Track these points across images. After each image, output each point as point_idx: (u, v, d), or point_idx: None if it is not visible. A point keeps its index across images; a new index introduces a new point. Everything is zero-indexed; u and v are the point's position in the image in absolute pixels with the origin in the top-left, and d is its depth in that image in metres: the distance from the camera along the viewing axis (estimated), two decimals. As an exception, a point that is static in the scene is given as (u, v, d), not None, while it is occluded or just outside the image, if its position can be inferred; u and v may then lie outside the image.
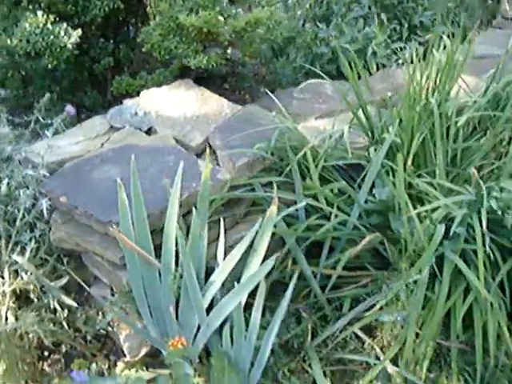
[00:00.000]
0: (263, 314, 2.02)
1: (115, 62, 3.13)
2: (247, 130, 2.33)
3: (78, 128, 2.49)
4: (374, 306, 2.13)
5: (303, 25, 3.77)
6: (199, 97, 2.61)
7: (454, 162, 2.58)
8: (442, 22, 3.75)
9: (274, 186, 1.96)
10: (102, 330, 2.15)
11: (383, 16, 3.53)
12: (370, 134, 2.48)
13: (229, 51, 4.05)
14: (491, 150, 2.57)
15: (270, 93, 2.53)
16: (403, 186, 2.16)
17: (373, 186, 2.32)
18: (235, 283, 1.80)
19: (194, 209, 1.83)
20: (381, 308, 2.02)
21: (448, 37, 3.35)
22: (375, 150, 2.31)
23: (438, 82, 2.60)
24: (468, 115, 2.49)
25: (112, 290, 2.16)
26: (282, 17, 2.82)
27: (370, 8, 3.75)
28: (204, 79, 3.76)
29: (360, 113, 2.48)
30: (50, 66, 2.63)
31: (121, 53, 3.17)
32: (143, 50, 2.76)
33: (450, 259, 2.01)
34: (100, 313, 2.15)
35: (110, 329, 2.15)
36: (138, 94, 2.75)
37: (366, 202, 2.26)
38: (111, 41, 3.19)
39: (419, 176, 2.36)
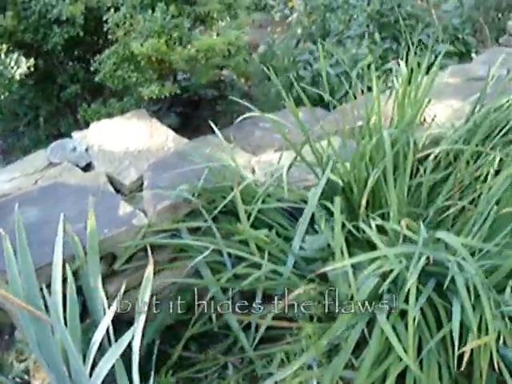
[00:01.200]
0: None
1: (89, 89, 3.06)
2: (183, 167, 2.19)
3: (20, 162, 2.42)
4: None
5: (297, 44, 3.58)
6: (148, 129, 2.48)
7: (419, 200, 2.35)
8: (444, 40, 3.47)
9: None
10: (17, 379, 2.06)
11: (377, 35, 3.30)
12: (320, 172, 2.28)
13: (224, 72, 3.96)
14: (458, 188, 2.32)
15: (213, 124, 2.36)
16: (341, 232, 1.95)
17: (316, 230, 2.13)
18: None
19: (67, 266, 1.70)
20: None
21: (452, 56, 3.09)
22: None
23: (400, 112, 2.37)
24: (433, 150, 2.26)
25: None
26: (244, 42, 2.65)
27: (368, 26, 3.53)
28: (195, 102, 3.67)
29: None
30: (1, 96, 2.58)
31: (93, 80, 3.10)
32: (96, 79, 2.65)
33: (381, 323, 1.78)
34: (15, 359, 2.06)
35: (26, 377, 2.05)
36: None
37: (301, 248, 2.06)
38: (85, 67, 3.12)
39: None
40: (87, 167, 2.36)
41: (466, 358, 1.68)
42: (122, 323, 2.07)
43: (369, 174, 2.21)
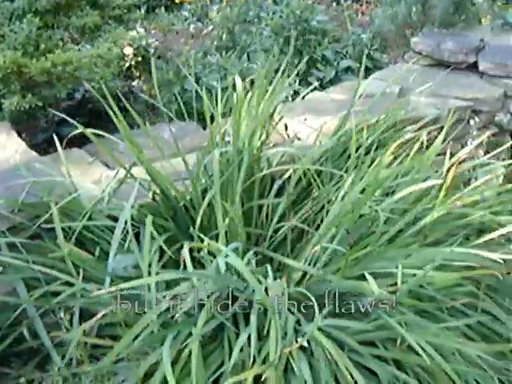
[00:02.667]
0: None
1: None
2: (16, 181, 2.17)
3: None
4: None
5: (205, 57, 3.54)
6: (2, 142, 2.47)
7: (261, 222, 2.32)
8: (351, 56, 3.42)
9: None
10: None
11: (276, 49, 3.26)
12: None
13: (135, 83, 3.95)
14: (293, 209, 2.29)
15: (56, 138, 2.34)
16: (149, 252, 1.92)
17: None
18: None
19: None
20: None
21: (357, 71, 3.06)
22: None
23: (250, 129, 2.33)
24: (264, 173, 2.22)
25: None
26: (114, 56, 2.62)
27: (276, 40, 3.49)
28: (99, 113, 3.65)
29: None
30: None
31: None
32: (-42, 90, 2.65)
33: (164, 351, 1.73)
34: None
35: None
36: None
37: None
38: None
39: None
40: None
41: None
42: None
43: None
